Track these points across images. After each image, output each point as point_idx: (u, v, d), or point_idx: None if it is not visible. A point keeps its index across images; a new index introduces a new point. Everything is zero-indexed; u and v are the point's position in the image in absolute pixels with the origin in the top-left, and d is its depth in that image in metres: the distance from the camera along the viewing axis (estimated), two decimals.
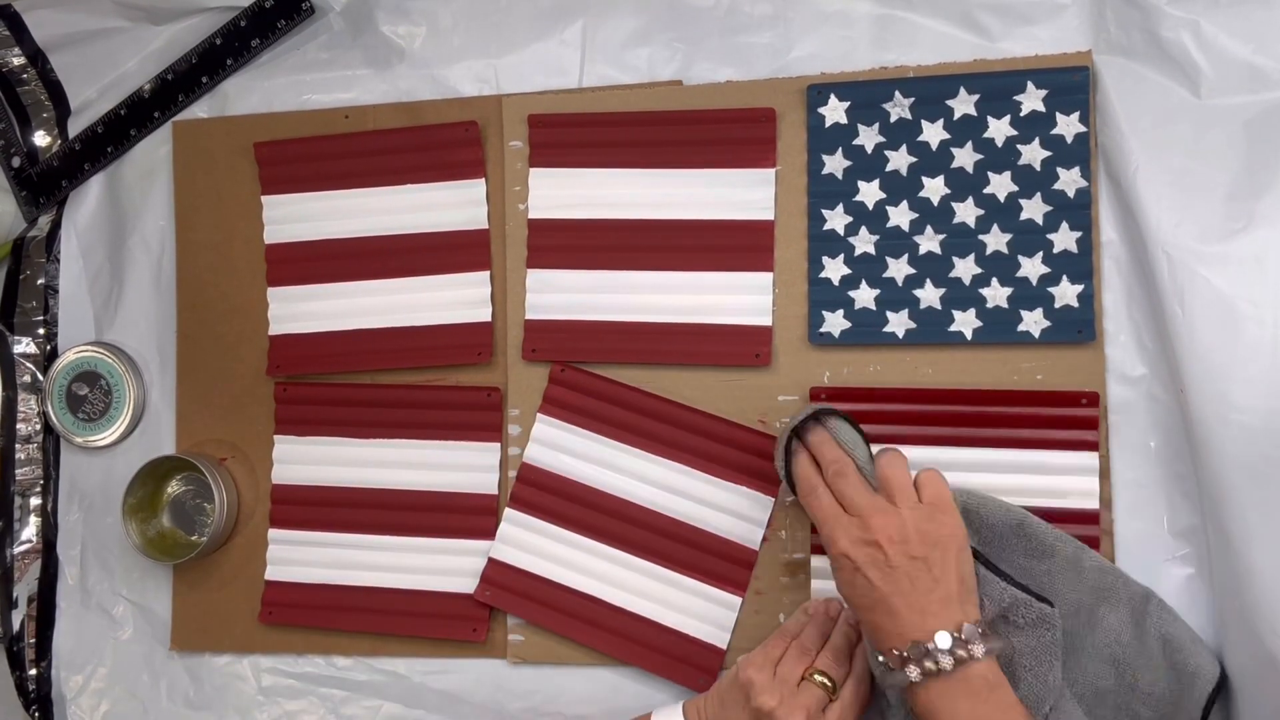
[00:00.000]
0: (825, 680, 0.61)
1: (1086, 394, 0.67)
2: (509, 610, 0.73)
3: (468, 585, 0.74)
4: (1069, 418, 0.67)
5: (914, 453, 0.68)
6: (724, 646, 0.71)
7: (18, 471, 0.82)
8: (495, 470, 0.75)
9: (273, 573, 0.77)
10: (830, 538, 0.59)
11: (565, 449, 0.73)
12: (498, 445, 0.74)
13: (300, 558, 0.77)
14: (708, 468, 0.71)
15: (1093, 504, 0.66)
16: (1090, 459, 0.67)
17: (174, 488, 0.80)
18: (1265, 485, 0.60)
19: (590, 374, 0.73)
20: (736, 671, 0.63)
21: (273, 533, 0.78)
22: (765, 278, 0.71)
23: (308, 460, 0.77)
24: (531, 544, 0.73)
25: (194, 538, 0.79)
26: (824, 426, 0.64)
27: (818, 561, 0.70)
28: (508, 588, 0.73)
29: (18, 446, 0.82)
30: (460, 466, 0.75)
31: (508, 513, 0.74)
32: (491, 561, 0.74)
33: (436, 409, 0.75)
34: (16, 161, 0.84)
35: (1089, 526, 0.66)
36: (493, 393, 0.75)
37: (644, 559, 0.72)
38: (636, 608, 0.72)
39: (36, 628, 0.81)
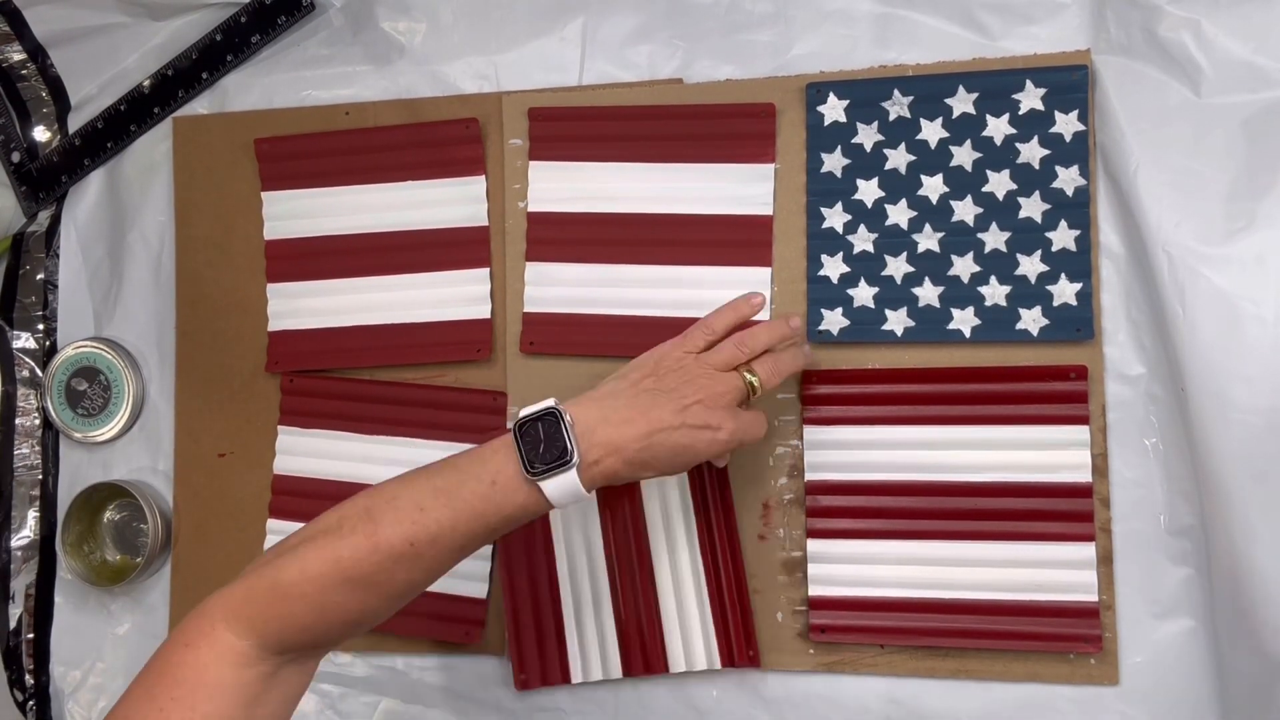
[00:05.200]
0: (754, 380, 0.60)
1: (1075, 368, 0.67)
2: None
3: (466, 588, 0.73)
4: (1058, 392, 0.67)
5: (905, 432, 0.69)
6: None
7: (17, 466, 0.82)
8: None
9: None
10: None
11: None
12: None
13: None
14: None
15: (1085, 477, 0.67)
16: (1080, 433, 0.67)
17: (111, 514, 0.81)
18: (1265, 485, 0.60)
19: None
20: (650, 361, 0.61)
21: (271, 523, 0.77)
22: (764, 273, 0.71)
23: (310, 453, 0.77)
24: None
25: (137, 560, 0.80)
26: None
27: (814, 558, 0.70)
28: None
29: (17, 441, 0.82)
30: None
31: None
32: None
33: (443, 409, 0.75)
34: (16, 157, 0.84)
35: (1082, 500, 0.66)
36: (499, 397, 0.74)
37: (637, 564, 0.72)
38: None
39: (34, 623, 0.81)
